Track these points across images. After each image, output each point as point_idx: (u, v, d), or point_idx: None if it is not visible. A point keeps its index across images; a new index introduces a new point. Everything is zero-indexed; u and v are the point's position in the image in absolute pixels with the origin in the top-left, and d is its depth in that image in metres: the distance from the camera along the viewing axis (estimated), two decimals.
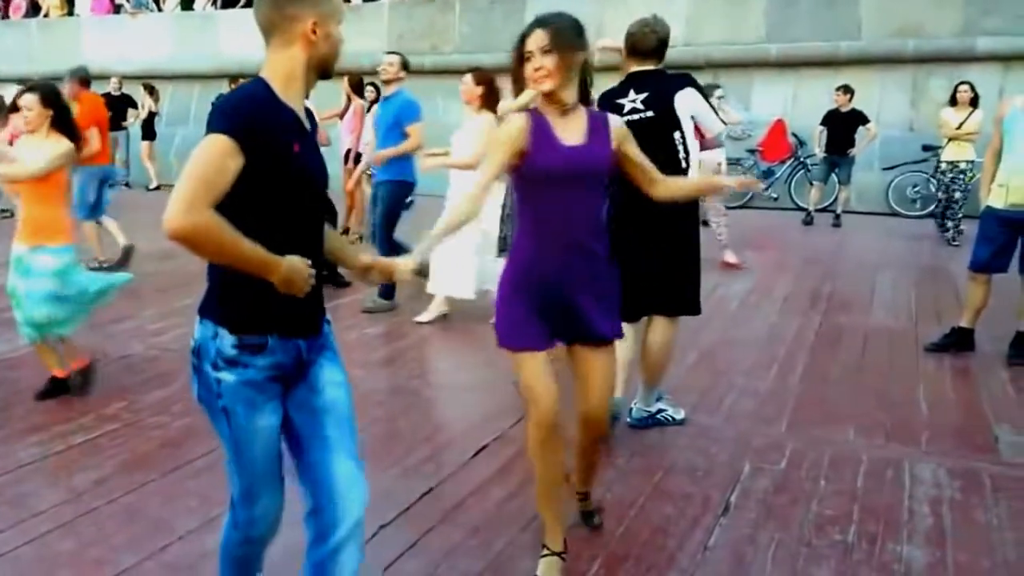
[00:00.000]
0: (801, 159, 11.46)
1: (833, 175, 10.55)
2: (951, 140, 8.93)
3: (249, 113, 1.81)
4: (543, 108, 2.52)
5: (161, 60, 15.48)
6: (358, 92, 9.13)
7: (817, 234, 9.94)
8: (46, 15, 17.54)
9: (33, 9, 17.87)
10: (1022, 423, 4.07)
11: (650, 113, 3.67)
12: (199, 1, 16.42)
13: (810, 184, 10.95)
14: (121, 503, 3.23)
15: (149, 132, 14.15)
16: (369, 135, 7.31)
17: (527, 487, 3.15)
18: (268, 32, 1.93)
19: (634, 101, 3.70)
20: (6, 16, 18.12)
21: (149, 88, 14.12)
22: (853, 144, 10.20)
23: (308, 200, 1.97)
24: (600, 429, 2.74)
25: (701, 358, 5.08)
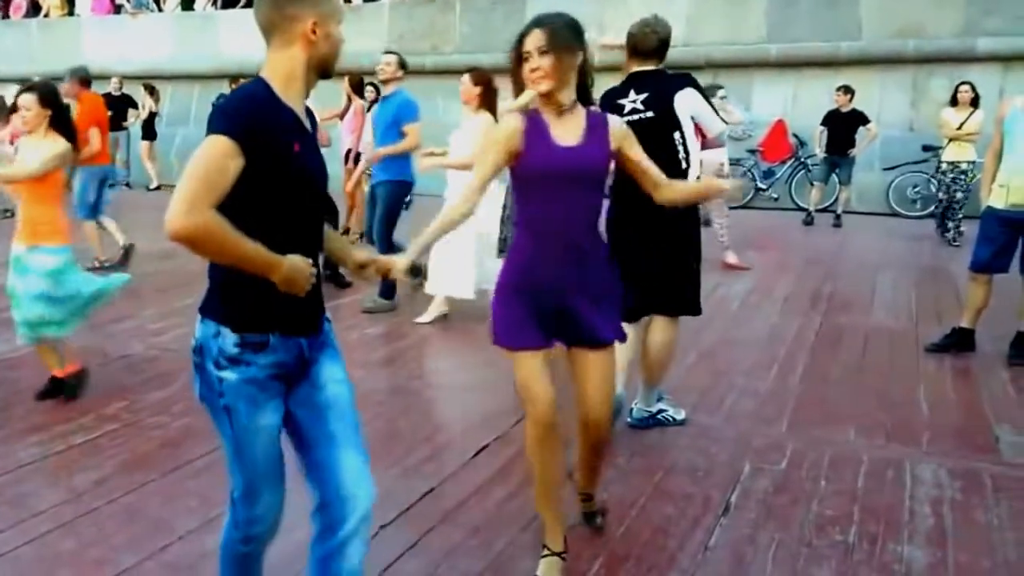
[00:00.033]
0: (802, 159, 11.47)
1: (834, 175, 10.54)
2: (952, 140, 8.92)
3: (249, 114, 1.82)
4: (541, 108, 2.51)
5: (161, 60, 15.49)
6: (358, 92, 9.13)
7: (818, 234, 9.94)
8: (46, 15, 17.55)
9: (33, 9, 17.88)
10: (1023, 423, 4.07)
11: (650, 113, 3.67)
12: (199, 1, 16.43)
13: (811, 184, 10.96)
14: (121, 503, 3.23)
15: (149, 132, 14.18)
16: (369, 135, 7.31)
17: (527, 487, 3.14)
18: (268, 32, 1.94)
19: (634, 101, 3.71)
20: (6, 16, 18.13)
21: (149, 88, 14.15)
22: (853, 144, 10.20)
23: (308, 200, 1.99)
24: (600, 432, 2.69)
25: (701, 358, 5.08)
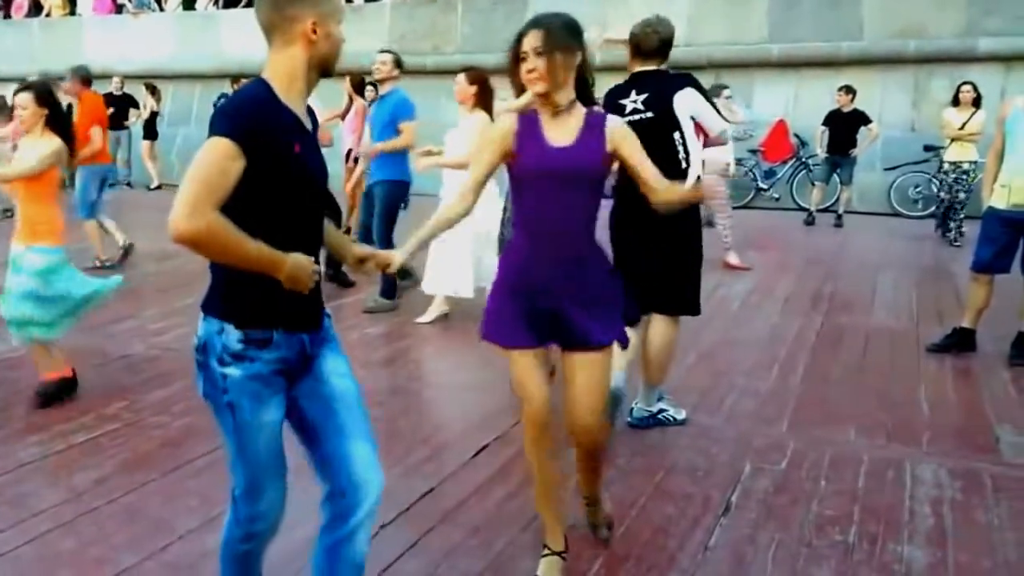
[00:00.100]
0: (803, 159, 11.47)
1: (835, 175, 10.53)
2: (954, 141, 8.91)
3: (250, 115, 1.83)
4: (539, 109, 2.51)
5: (163, 60, 15.50)
6: (359, 92, 9.13)
7: (819, 234, 9.94)
8: (48, 15, 17.58)
9: (35, 8, 17.90)
10: (1023, 424, 4.07)
11: (650, 114, 3.67)
12: (201, 1, 16.44)
13: (812, 184, 10.95)
14: (121, 503, 3.23)
15: (151, 132, 14.18)
16: (368, 135, 7.31)
17: (527, 487, 3.14)
18: (269, 32, 1.95)
19: (635, 102, 3.71)
20: (8, 16, 18.16)
21: (151, 88, 14.15)
22: (855, 144, 10.20)
23: (309, 200, 2.00)
24: (589, 437, 2.62)
25: (702, 358, 5.08)
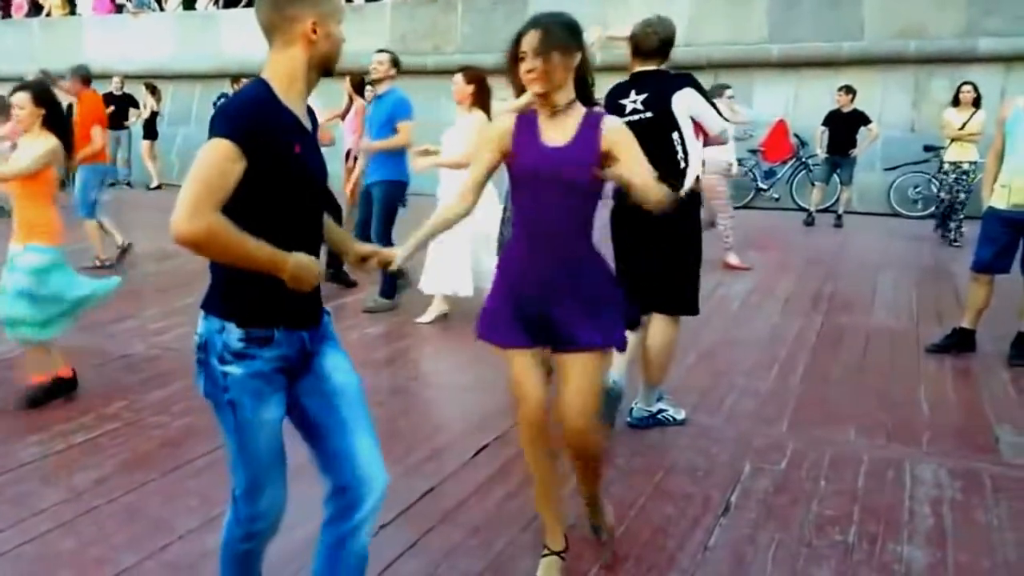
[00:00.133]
0: (803, 159, 11.47)
1: (835, 175, 10.53)
2: (954, 141, 8.90)
3: (250, 116, 1.84)
4: (538, 108, 2.50)
5: (163, 60, 15.50)
6: (359, 92, 9.13)
7: (818, 234, 9.94)
8: (48, 14, 17.57)
9: (35, 8, 17.90)
10: (1023, 424, 4.07)
11: (649, 114, 3.68)
12: (201, 1, 16.43)
13: (812, 184, 10.95)
14: (121, 502, 3.23)
15: (150, 131, 14.18)
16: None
17: (527, 487, 3.14)
18: (269, 33, 1.96)
19: (635, 102, 3.71)
20: (8, 15, 18.16)
21: (151, 87, 14.15)
22: (855, 145, 10.20)
23: (309, 199, 2.01)
24: (580, 439, 2.57)
25: (702, 358, 5.08)
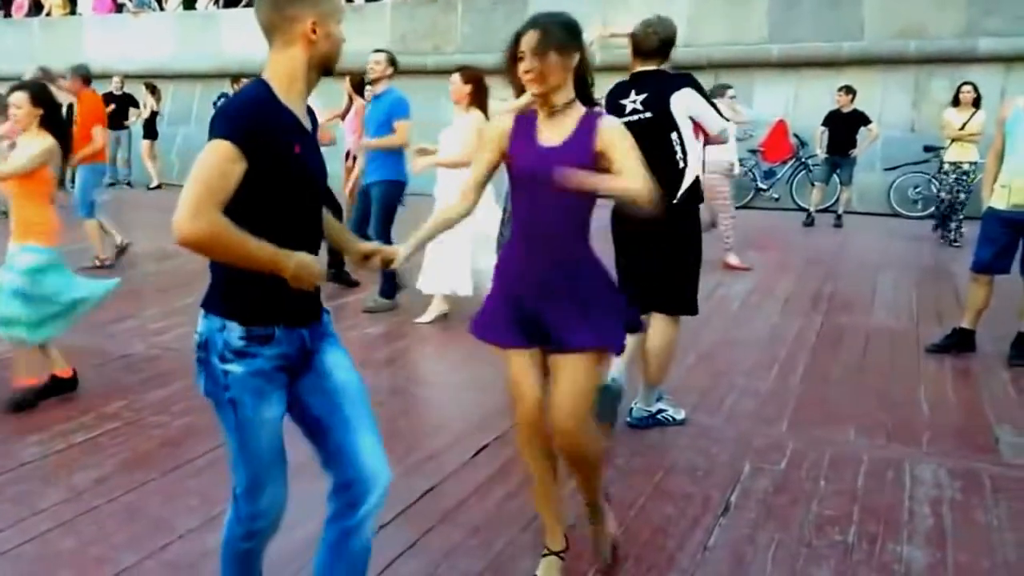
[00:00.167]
0: (803, 160, 11.47)
1: (835, 176, 10.53)
2: (954, 141, 8.89)
3: (250, 117, 1.84)
4: (538, 108, 2.49)
5: (163, 59, 15.50)
6: (359, 92, 9.13)
7: (818, 235, 9.94)
8: (48, 14, 17.57)
9: (35, 8, 17.90)
10: (1023, 424, 4.07)
11: (648, 114, 3.68)
12: (201, 0, 16.43)
13: (811, 185, 10.95)
14: (122, 502, 3.23)
15: (150, 131, 14.18)
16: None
17: (527, 487, 3.14)
18: (269, 33, 1.96)
19: (634, 102, 3.71)
20: (8, 15, 18.15)
21: (151, 87, 14.15)
22: (855, 145, 10.20)
23: (309, 199, 2.02)
24: (569, 440, 2.51)
25: (702, 358, 5.08)
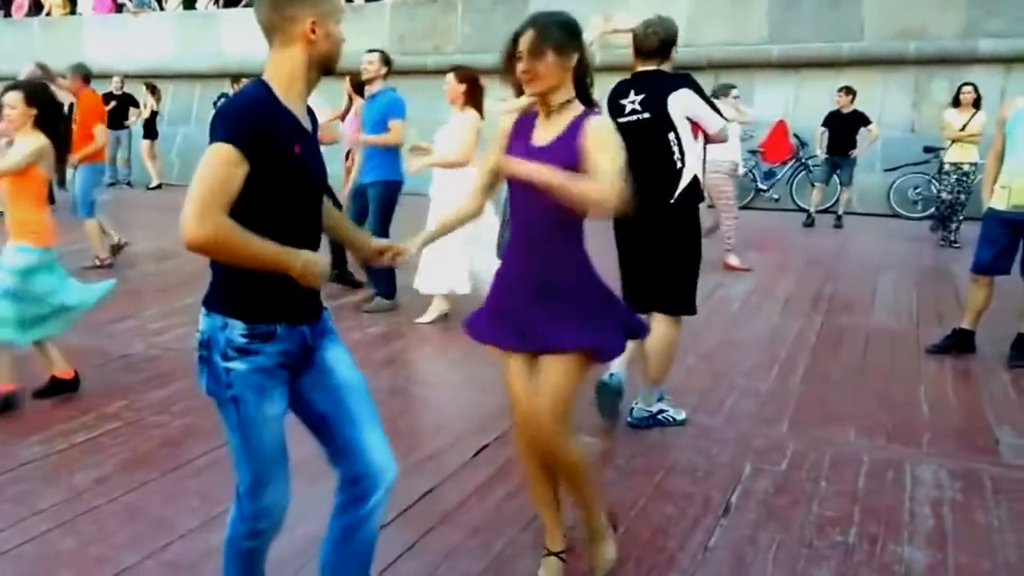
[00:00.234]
0: (803, 160, 11.47)
1: (835, 176, 10.53)
2: (954, 142, 8.88)
3: (249, 117, 1.85)
4: (537, 108, 2.48)
5: (163, 59, 15.49)
6: (359, 92, 9.12)
7: (818, 235, 9.94)
8: (48, 14, 17.56)
9: (35, 8, 17.89)
10: (1023, 425, 4.07)
11: (647, 115, 3.68)
12: (201, 0, 16.43)
13: (811, 185, 10.95)
14: (122, 502, 3.23)
15: (150, 131, 14.17)
16: None
17: (527, 487, 3.14)
18: (269, 33, 1.97)
19: (633, 102, 3.72)
20: (8, 15, 18.14)
21: (151, 87, 14.15)
22: (855, 145, 10.19)
23: (309, 199, 2.03)
24: (544, 442, 2.48)
25: (702, 359, 5.08)
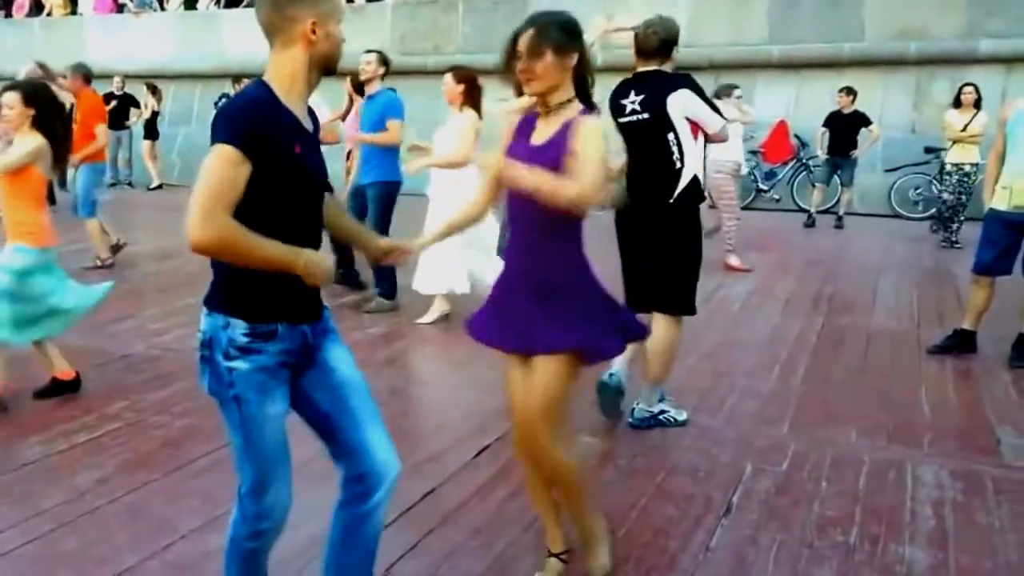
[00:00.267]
0: (803, 161, 11.47)
1: (835, 177, 10.52)
2: (956, 142, 8.87)
3: (250, 118, 1.87)
4: (538, 108, 2.48)
5: (164, 59, 15.49)
6: (360, 93, 9.13)
7: (819, 236, 9.93)
8: (49, 14, 17.56)
9: (36, 8, 17.89)
10: None
11: (646, 115, 3.69)
12: (202, 0, 16.43)
13: (812, 186, 10.94)
14: (124, 502, 3.24)
15: (151, 131, 14.17)
16: None
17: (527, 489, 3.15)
18: (270, 34, 1.98)
19: (634, 102, 3.72)
20: (9, 15, 18.15)
21: (152, 87, 14.14)
22: (855, 146, 10.19)
23: (309, 199, 2.04)
24: (528, 441, 2.50)
25: (703, 359, 5.08)
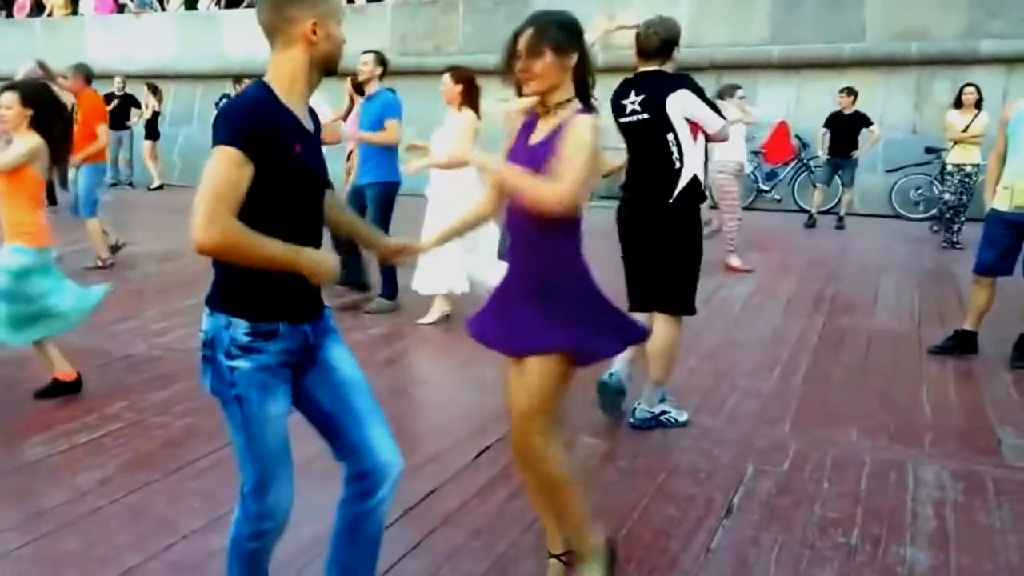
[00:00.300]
0: (804, 161, 11.46)
1: (836, 177, 10.52)
2: (957, 143, 8.86)
3: (250, 118, 1.88)
4: (538, 108, 2.47)
5: (165, 60, 15.49)
6: (360, 93, 9.13)
7: (820, 236, 9.94)
8: (50, 14, 17.58)
9: (37, 8, 17.90)
10: None
11: (646, 115, 3.69)
12: (203, 1, 16.43)
13: (813, 186, 10.94)
14: (125, 502, 3.24)
15: (152, 132, 14.18)
16: None
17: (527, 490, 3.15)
18: (270, 34, 1.99)
19: (634, 103, 3.73)
20: (10, 15, 18.16)
21: (152, 88, 14.15)
22: (856, 146, 10.19)
23: (309, 199, 2.05)
24: (516, 441, 2.49)
25: (704, 360, 5.08)
